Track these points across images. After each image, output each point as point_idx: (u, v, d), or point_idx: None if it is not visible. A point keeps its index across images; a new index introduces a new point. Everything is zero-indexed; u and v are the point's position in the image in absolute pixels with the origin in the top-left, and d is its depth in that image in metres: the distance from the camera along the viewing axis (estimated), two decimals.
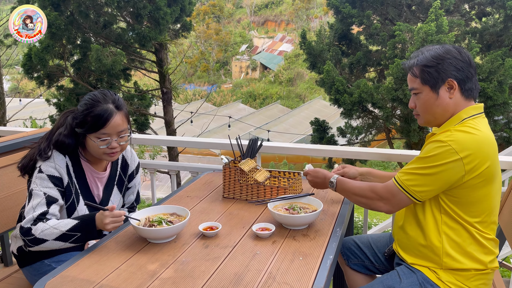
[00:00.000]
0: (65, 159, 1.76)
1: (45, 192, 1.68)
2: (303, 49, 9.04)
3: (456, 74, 1.54)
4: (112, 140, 1.75)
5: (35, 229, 1.60)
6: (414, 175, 1.53)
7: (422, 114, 1.63)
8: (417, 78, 1.59)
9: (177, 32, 8.67)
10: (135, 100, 8.66)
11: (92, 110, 1.72)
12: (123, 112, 1.79)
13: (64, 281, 1.39)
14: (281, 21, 37.61)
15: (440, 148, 1.48)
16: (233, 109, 24.07)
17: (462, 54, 1.56)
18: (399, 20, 8.25)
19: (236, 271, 1.44)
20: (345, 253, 1.97)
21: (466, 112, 1.56)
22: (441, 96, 1.57)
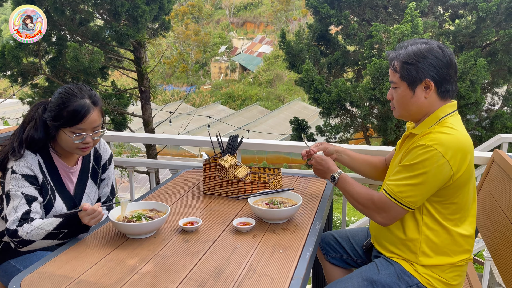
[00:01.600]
0: (37, 157, 1.73)
1: (23, 192, 1.65)
2: (282, 49, 9.10)
3: (434, 75, 1.55)
4: (87, 136, 1.72)
5: (21, 231, 1.58)
6: (406, 186, 1.53)
7: (398, 108, 1.66)
8: (397, 73, 1.60)
9: (156, 31, 8.59)
10: (112, 99, 8.52)
11: (68, 105, 1.68)
12: (99, 108, 1.76)
13: (41, 277, 1.36)
14: (260, 23, 37.72)
15: (427, 153, 1.49)
16: (213, 110, 24.00)
17: (444, 54, 1.56)
18: (376, 21, 8.41)
19: (216, 264, 1.44)
20: (324, 247, 1.99)
21: (442, 111, 1.59)
22: (416, 95, 1.58)
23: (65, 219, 1.61)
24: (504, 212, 1.78)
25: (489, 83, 9.41)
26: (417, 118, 1.65)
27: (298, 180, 2.27)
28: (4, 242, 1.78)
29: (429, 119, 1.60)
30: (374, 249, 1.80)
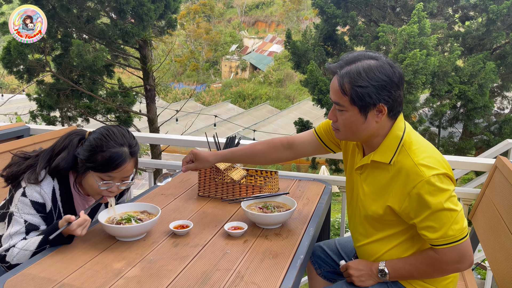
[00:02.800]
0: (53, 183, 1.66)
1: (26, 220, 1.60)
2: (287, 49, 9.05)
3: (388, 99, 1.41)
4: (114, 184, 1.65)
5: (8, 256, 1.55)
6: (458, 224, 1.39)
7: (344, 132, 1.50)
8: (346, 96, 1.41)
9: (162, 29, 8.58)
10: (118, 97, 8.53)
11: (105, 150, 1.60)
12: (135, 158, 1.68)
13: (24, 280, 1.34)
14: (271, 22, 37.65)
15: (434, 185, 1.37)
16: (222, 108, 24.01)
17: (395, 73, 1.41)
18: (383, 22, 8.32)
19: (203, 270, 1.41)
20: (315, 261, 1.90)
21: (397, 128, 1.48)
22: (368, 120, 1.43)
23: (46, 234, 1.54)
24: (505, 222, 1.72)
25: (498, 87, 9.26)
26: (367, 141, 1.52)
27: (295, 184, 2.23)
28: None
29: (388, 141, 1.47)
30: None
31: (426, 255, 1.47)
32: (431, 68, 7.19)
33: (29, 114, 8.83)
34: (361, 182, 1.58)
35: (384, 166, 1.48)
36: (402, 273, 1.52)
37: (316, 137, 1.79)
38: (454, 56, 7.87)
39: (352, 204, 1.66)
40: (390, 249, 1.54)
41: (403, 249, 1.53)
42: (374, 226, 1.55)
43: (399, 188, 1.43)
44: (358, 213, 1.61)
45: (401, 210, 1.44)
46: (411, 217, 1.43)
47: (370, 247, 1.58)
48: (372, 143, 1.51)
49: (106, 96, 8.67)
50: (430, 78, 7.60)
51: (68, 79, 8.03)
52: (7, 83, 26.08)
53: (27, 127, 2.84)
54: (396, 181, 1.44)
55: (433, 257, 1.45)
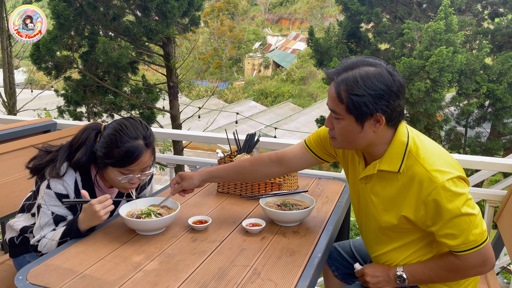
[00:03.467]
0: (75, 175, 1.70)
1: (53, 212, 1.65)
2: (310, 46, 8.97)
3: (386, 109, 1.35)
4: (134, 176, 1.69)
5: (39, 246, 1.63)
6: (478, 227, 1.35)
7: (341, 140, 1.45)
8: (342, 104, 1.36)
9: (186, 26, 8.66)
10: (142, 93, 8.66)
11: (120, 146, 1.62)
12: (151, 148, 1.71)
13: (47, 270, 1.38)
14: (295, 19, 37.46)
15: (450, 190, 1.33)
16: (245, 106, 24.06)
17: (396, 83, 1.35)
18: (408, 18, 8.15)
19: (221, 266, 1.41)
20: (332, 264, 1.87)
21: (401, 134, 1.42)
22: (365, 130, 1.38)
23: (67, 226, 1.61)
24: None
25: None
26: (363, 149, 1.48)
27: (315, 182, 2.22)
28: (24, 236, 1.80)
29: (394, 149, 1.42)
30: None
31: (447, 261, 1.43)
32: (458, 65, 7.00)
33: (57, 110, 9.08)
34: (368, 192, 1.52)
35: (393, 175, 1.42)
36: (421, 278, 1.48)
37: (307, 149, 1.71)
38: (483, 54, 7.65)
39: (361, 214, 1.60)
40: (408, 256, 1.50)
41: (421, 254, 1.49)
42: (389, 236, 1.51)
43: (413, 196, 1.38)
44: (370, 225, 1.56)
45: (417, 218, 1.40)
46: (428, 224, 1.39)
47: (387, 257, 1.54)
48: (373, 151, 1.45)
49: (130, 92, 8.83)
50: (456, 76, 7.41)
51: (94, 76, 8.21)
52: (37, 79, 26.82)
53: (53, 122, 2.92)
54: (408, 190, 1.39)
55: (454, 263, 1.41)
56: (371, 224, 1.55)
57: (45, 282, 1.31)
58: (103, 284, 1.30)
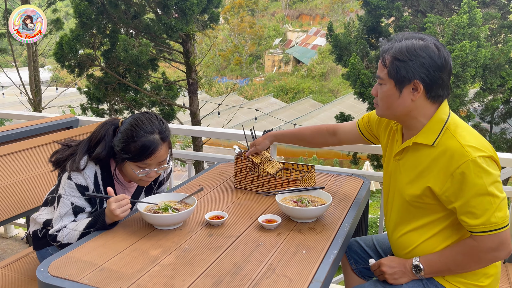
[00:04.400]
0: (95, 168, 1.74)
1: (73, 202, 1.69)
2: (329, 42, 8.89)
3: (425, 77, 1.40)
4: (151, 170, 1.72)
5: (59, 236, 1.66)
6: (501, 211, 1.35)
7: (382, 106, 1.52)
8: (385, 68, 1.45)
9: (205, 23, 8.71)
10: (162, 90, 8.78)
11: (136, 140, 1.65)
12: (167, 142, 1.74)
13: (68, 262, 1.42)
14: (316, 15, 37.16)
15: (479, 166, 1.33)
16: (264, 102, 24.05)
17: (440, 54, 1.40)
18: (431, 12, 7.97)
19: (236, 261, 1.43)
20: (351, 256, 1.88)
21: (442, 112, 1.46)
22: (403, 96, 1.44)
23: (93, 217, 1.65)
24: None
25: None
26: (403, 120, 1.51)
27: (333, 178, 2.21)
28: (47, 229, 1.84)
29: (432, 124, 1.45)
30: None
31: (463, 244, 1.43)
32: (482, 60, 6.82)
33: (80, 107, 9.28)
34: (399, 168, 1.56)
35: (426, 148, 1.46)
36: (438, 267, 1.47)
37: (357, 128, 1.89)
38: (508, 48, 7.43)
39: (389, 195, 1.64)
40: (427, 239, 1.50)
41: (440, 239, 1.49)
42: (411, 213, 1.52)
43: (442, 168, 1.40)
44: (395, 202, 1.59)
45: (442, 192, 1.41)
46: (451, 200, 1.40)
47: (406, 238, 1.55)
48: (412, 125, 1.49)
49: (150, 89, 8.95)
50: (480, 71, 7.22)
51: (116, 73, 8.36)
52: (61, 77, 27.44)
53: (76, 118, 2.98)
54: (438, 162, 1.41)
55: (470, 245, 1.40)
56: (396, 201, 1.58)
57: (66, 274, 1.35)
58: (122, 277, 1.33)
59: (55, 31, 8.22)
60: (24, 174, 2.25)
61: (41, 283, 1.33)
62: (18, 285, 1.87)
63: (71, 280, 1.32)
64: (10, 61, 12.94)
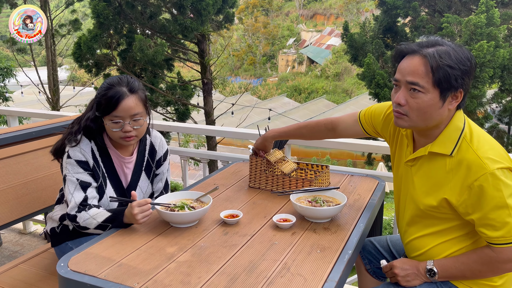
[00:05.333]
0: (91, 144, 1.80)
1: (78, 178, 1.74)
2: (344, 42, 8.85)
3: (466, 86, 1.36)
4: (125, 124, 1.75)
5: (79, 217, 1.71)
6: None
7: (414, 117, 1.39)
8: (431, 75, 1.33)
9: (220, 23, 8.76)
10: (177, 90, 8.86)
11: (106, 93, 1.74)
12: (137, 95, 1.78)
13: (87, 258, 1.45)
14: (330, 15, 36.99)
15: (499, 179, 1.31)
16: (278, 102, 24.03)
17: (473, 60, 1.37)
18: (448, 12, 7.87)
19: (251, 259, 1.44)
20: (365, 256, 1.87)
21: (458, 119, 1.42)
22: (444, 106, 1.37)
23: (113, 214, 1.68)
24: None
25: None
26: (428, 130, 1.45)
27: (347, 179, 2.21)
28: (63, 225, 1.90)
29: (448, 132, 1.42)
30: None
31: (480, 253, 1.41)
32: (500, 60, 6.71)
33: None
34: (411, 175, 1.52)
35: (442, 158, 1.42)
36: (452, 273, 1.46)
37: (358, 121, 1.80)
38: None
39: (401, 198, 1.62)
40: (440, 243, 1.49)
41: (454, 243, 1.48)
42: (425, 219, 1.51)
43: (459, 180, 1.37)
44: (408, 208, 1.57)
45: (459, 203, 1.38)
46: (468, 212, 1.38)
47: (418, 241, 1.54)
48: (430, 133, 1.45)
49: (166, 89, 9.03)
50: (499, 71, 7.10)
51: (132, 73, 8.46)
52: (78, 76, 27.84)
53: None
54: (455, 174, 1.38)
55: (489, 255, 1.38)
56: (409, 207, 1.55)
57: (85, 269, 1.38)
58: (139, 273, 1.36)
59: (73, 31, 8.36)
60: (43, 171, 2.30)
61: (61, 277, 1.36)
62: (37, 279, 1.92)
63: (90, 275, 1.34)
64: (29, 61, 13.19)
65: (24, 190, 2.19)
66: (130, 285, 1.29)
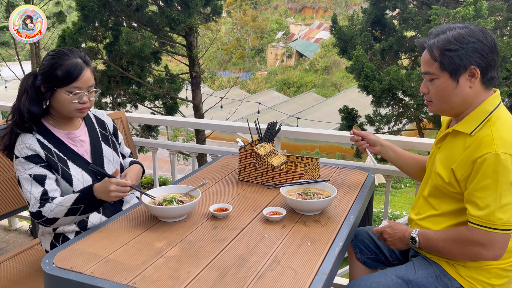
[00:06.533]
0: (34, 136, 1.72)
1: (31, 173, 1.67)
2: (333, 34, 8.82)
3: (480, 61, 1.39)
4: (83, 95, 1.73)
5: (44, 211, 1.63)
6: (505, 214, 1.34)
7: (437, 102, 1.50)
8: (436, 62, 1.43)
9: (208, 16, 8.66)
10: (165, 83, 8.76)
11: (61, 64, 1.69)
12: (91, 68, 1.77)
13: (73, 254, 1.42)
14: (319, 8, 36.95)
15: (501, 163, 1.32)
16: (267, 96, 23.99)
17: (487, 38, 1.40)
18: (436, 4, 7.89)
19: (241, 253, 1.42)
20: (357, 245, 1.88)
21: (490, 103, 1.45)
22: (461, 85, 1.43)
23: (81, 193, 1.62)
24: None
25: None
26: (459, 111, 1.50)
27: (337, 171, 2.20)
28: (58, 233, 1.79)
29: (476, 114, 1.45)
30: (412, 249, 1.69)
31: (458, 231, 1.45)
32: None
33: None
34: (436, 154, 1.58)
35: (464, 137, 1.46)
36: (431, 245, 1.52)
37: None
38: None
39: (423, 183, 1.66)
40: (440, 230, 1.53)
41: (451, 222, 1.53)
42: (435, 198, 1.55)
43: (468, 154, 1.40)
44: (426, 188, 1.61)
45: (462, 177, 1.42)
46: (465, 186, 1.41)
47: (422, 223, 1.59)
48: (461, 115, 1.49)
49: (153, 82, 8.93)
50: None
51: (118, 66, 8.34)
52: None
53: None
54: (467, 149, 1.42)
55: (463, 233, 1.42)
56: (427, 187, 1.60)
57: (71, 265, 1.34)
58: (127, 269, 1.33)
59: (57, 24, 8.20)
60: None
61: (46, 274, 1.33)
62: (22, 276, 1.88)
63: (76, 272, 1.31)
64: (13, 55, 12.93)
65: (8, 185, 2.14)
66: (117, 281, 1.27)
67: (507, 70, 7.59)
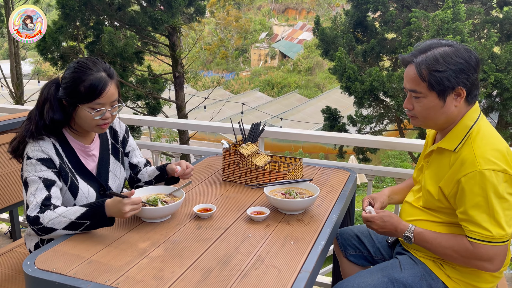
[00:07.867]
0: (51, 140, 1.67)
1: (40, 176, 1.59)
2: (316, 36, 8.91)
3: (466, 82, 1.43)
4: (106, 111, 1.67)
5: (43, 218, 1.51)
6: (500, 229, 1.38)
7: (422, 119, 1.52)
8: (424, 82, 1.44)
9: (191, 16, 8.62)
10: (148, 83, 8.68)
11: (84, 79, 1.61)
12: (115, 81, 1.69)
13: (55, 255, 1.40)
14: (302, 9, 37.16)
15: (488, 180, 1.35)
16: (251, 97, 24.00)
17: (471, 57, 1.43)
18: (416, 7, 8.04)
19: (225, 253, 1.43)
20: (342, 244, 1.92)
21: (469, 118, 1.48)
22: (447, 104, 1.45)
23: (90, 208, 1.52)
24: None
25: None
26: (443, 127, 1.53)
27: (320, 171, 2.23)
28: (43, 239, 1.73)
29: (457, 130, 1.49)
30: (399, 246, 1.73)
31: (460, 242, 1.45)
32: None
33: None
34: (425, 170, 1.61)
35: (448, 153, 1.49)
36: (427, 247, 1.53)
37: None
38: (491, 43, 7.56)
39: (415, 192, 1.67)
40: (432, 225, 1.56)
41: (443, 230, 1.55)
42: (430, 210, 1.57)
43: (453, 173, 1.44)
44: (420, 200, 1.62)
45: (450, 195, 1.46)
46: (456, 204, 1.45)
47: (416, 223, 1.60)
48: (444, 131, 1.53)
49: (136, 82, 8.84)
50: None
51: None
52: (44, 70, 26.93)
53: None
54: (451, 167, 1.45)
55: (466, 248, 1.43)
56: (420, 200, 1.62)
57: (53, 267, 1.33)
58: (110, 269, 1.32)
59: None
60: (6, 168, 2.21)
61: (27, 276, 1.31)
62: (3, 279, 1.85)
63: (59, 273, 1.30)
64: None
65: None
66: (100, 282, 1.26)
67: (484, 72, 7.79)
